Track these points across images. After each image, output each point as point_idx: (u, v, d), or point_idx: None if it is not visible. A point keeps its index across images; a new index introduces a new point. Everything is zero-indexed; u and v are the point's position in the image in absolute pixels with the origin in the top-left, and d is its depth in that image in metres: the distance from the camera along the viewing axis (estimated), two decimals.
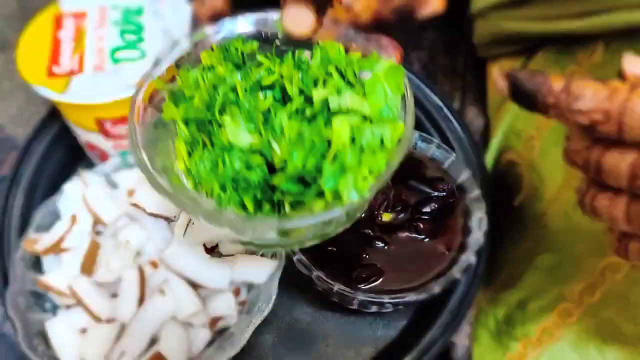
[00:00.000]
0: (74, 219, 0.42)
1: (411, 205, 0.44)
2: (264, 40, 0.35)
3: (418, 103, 0.55)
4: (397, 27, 0.62)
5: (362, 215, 0.44)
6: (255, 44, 0.34)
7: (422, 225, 0.43)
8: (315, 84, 0.31)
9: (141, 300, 0.39)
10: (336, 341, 0.45)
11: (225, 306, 0.40)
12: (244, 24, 0.35)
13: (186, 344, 0.39)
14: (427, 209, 0.44)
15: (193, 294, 0.39)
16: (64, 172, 0.53)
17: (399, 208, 0.44)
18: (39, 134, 0.52)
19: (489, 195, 0.46)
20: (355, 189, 0.28)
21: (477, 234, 0.42)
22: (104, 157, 0.48)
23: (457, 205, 0.45)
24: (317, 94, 0.30)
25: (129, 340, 0.38)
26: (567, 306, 0.44)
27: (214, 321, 0.40)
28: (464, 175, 0.45)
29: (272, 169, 0.31)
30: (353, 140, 0.29)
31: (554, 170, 0.48)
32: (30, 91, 0.61)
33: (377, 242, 0.43)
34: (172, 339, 0.38)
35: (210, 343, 0.40)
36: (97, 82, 0.41)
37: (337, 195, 0.28)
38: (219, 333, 0.41)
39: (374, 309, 0.44)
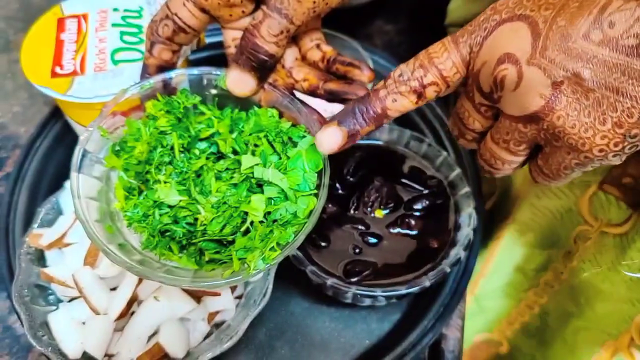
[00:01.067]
0: None
1: (403, 202, 0.46)
2: (208, 91, 0.39)
3: None
4: (393, 30, 0.64)
5: (356, 213, 0.45)
6: (197, 99, 0.37)
7: (413, 222, 0.45)
8: (247, 145, 0.36)
9: (132, 301, 0.40)
10: (331, 334, 0.46)
11: (222, 302, 0.41)
12: (190, 76, 0.38)
13: (184, 337, 0.40)
14: (418, 206, 0.46)
15: (185, 297, 0.41)
16: (66, 170, 0.54)
17: (391, 205, 0.45)
18: (42, 133, 0.53)
19: (478, 193, 0.47)
20: (262, 260, 0.33)
21: (467, 230, 0.44)
22: None
23: (448, 202, 0.46)
24: (246, 162, 0.34)
25: (128, 337, 0.40)
26: (557, 265, 0.48)
27: (212, 315, 0.42)
28: (454, 173, 0.47)
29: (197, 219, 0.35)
30: (269, 213, 0.34)
31: (516, 178, 0.53)
32: (33, 91, 0.63)
33: (369, 238, 0.44)
34: (170, 332, 0.39)
35: (208, 335, 0.42)
36: (98, 83, 0.43)
37: (245, 263, 0.33)
38: (216, 326, 0.42)
39: (367, 302, 0.45)
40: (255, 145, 0.36)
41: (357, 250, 0.44)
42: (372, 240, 0.44)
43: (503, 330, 0.68)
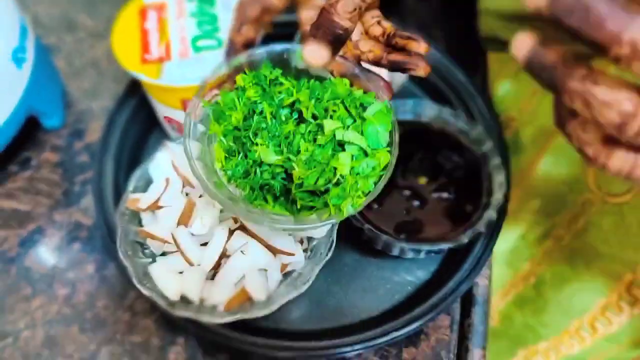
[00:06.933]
0: (167, 181, 0.51)
1: (443, 171, 0.53)
2: (286, 64, 0.44)
3: (446, 80, 0.63)
4: (424, 10, 0.70)
5: (403, 180, 0.53)
6: (279, 71, 0.44)
7: (452, 188, 0.52)
8: (326, 111, 0.42)
9: (222, 255, 0.48)
10: (379, 282, 0.54)
11: (295, 255, 0.49)
12: (271, 52, 0.44)
13: (265, 284, 0.48)
14: (457, 174, 0.53)
15: (265, 251, 0.48)
16: (142, 142, 0.61)
17: (433, 173, 0.53)
18: (120, 108, 0.60)
19: (508, 163, 0.55)
20: (352, 205, 0.40)
21: (498, 195, 0.51)
22: (181, 129, 0.56)
23: (482, 171, 0.54)
24: (328, 125, 0.41)
25: (219, 283, 0.48)
26: (560, 232, 0.55)
27: (284, 266, 0.50)
28: (487, 146, 0.54)
29: (289, 174, 0.42)
30: (352, 168, 0.41)
31: (526, 150, 0.59)
32: (100, 68, 0.69)
33: (414, 201, 0.52)
34: (253, 280, 0.47)
35: (281, 282, 0.50)
36: (183, 68, 0.49)
37: (338, 208, 0.41)
38: (286, 275, 0.51)
39: (410, 255, 0.53)
40: (333, 111, 0.42)
41: (405, 211, 0.51)
42: (417, 203, 0.52)
43: (496, 303, 0.75)
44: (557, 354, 0.69)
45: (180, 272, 0.48)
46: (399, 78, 0.61)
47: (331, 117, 0.42)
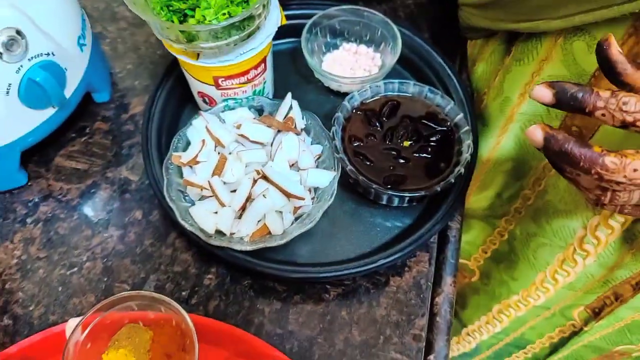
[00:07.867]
0: (203, 142, 0.64)
1: (423, 136, 0.66)
2: None
3: (427, 64, 0.75)
4: (413, 2, 0.81)
5: (390, 142, 0.66)
6: None
7: (430, 149, 0.65)
8: None
9: (248, 199, 0.61)
10: (371, 225, 0.67)
11: (304, 200, 0.62)
12: None
13: (281, 221, 0.61)
14: (433, 139, 0.66)
15: (282, 196, 0.61)
16: (178, 113, 0.74)
17: (415, 137, 0.66)
18: (161, 85, 0.72)
19: (475, 130, 0.68)
20: (215, 19, 0.54)
21: (466, 155, 0.64)
22: (211, 102, 0.69)
23: (454, 136, 0.66)
24: None
25: (245, 221, 0.61)
26: (527, 192, 0.67)
27: (296, 209, 0.63)
28: (459, 117, 0.67)
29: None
30: None
31: (496, 119, 0.70)
32: (140, 52, 0.82)
33: (400, 159, 0.65)
34: (272, 218, 0.61)
35: (292, 222, 0.63)
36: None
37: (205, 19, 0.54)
38: (297, 218, 0.64)
39: (396, 202, 0.66)
40: None
41: (392, 167, 0.64)
42: (402, 161, 0.65)
43: (478, 259, 0.86)
44: (526, 305, 0.81)
45: (215, 212, 0.62)
46: (389, 61, 0.73)
47: None
